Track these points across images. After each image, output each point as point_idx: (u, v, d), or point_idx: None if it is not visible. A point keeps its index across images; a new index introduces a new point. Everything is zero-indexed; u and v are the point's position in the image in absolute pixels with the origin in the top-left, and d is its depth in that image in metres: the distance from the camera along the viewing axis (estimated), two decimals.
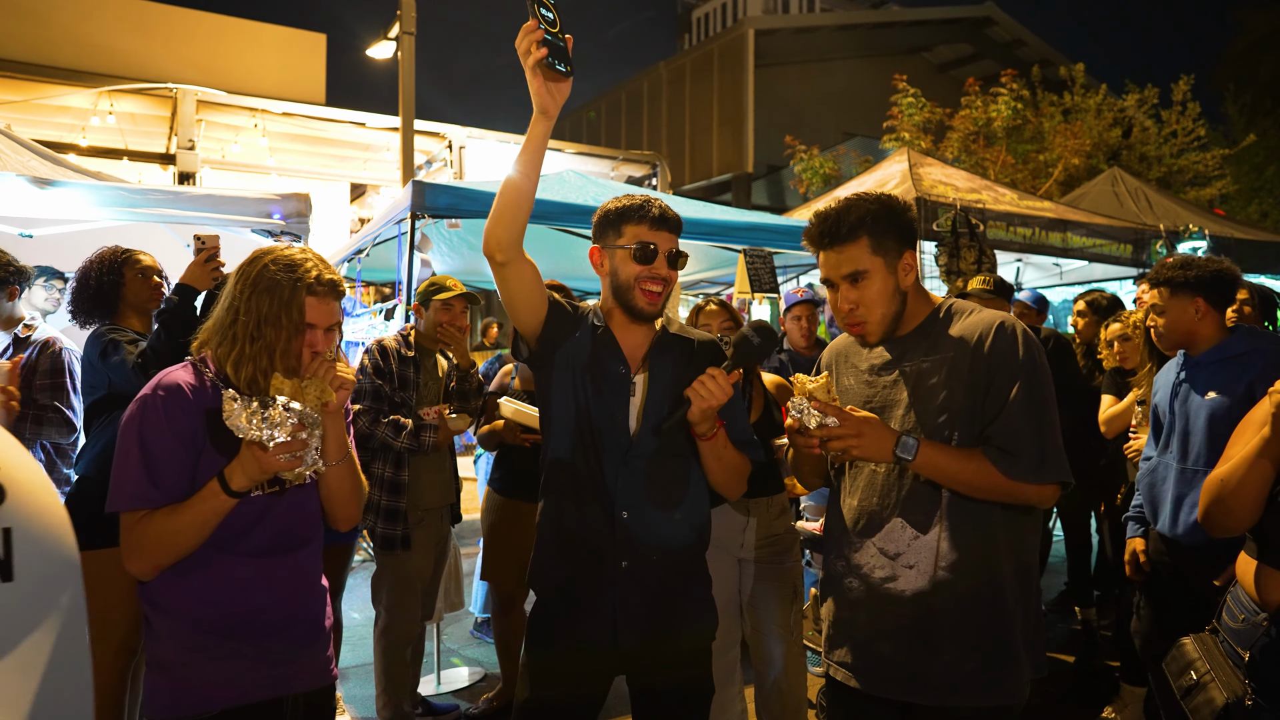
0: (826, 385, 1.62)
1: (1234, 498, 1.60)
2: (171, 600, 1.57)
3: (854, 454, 1.60)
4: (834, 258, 1.70)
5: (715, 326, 2.67)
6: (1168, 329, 2.61)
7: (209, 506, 1.52)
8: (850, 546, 1.74)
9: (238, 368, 1.61)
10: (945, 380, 1.65)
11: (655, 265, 1.80)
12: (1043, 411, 1.60)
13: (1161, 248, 5.99)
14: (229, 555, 1.58)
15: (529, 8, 1.49)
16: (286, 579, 1.64)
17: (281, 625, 1.63)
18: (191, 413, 1.56)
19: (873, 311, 1.69)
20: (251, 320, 1.60)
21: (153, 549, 1.51)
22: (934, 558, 1.62)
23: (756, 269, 5.00)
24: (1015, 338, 1.64)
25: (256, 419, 1.47)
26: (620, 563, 1.77)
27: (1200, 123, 13.19)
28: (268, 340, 1.60)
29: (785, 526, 2.75)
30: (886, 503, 1.69)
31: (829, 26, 24.10)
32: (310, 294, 1.63)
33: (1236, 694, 1.59)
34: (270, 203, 3.94)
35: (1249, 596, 1.65)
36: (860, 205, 1.69)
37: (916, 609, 1.63)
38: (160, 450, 1.53)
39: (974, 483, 1.59)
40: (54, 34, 9.35)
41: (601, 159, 10.76)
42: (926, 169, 6.43)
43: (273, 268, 1.63)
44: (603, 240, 1.87)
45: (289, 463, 1.51)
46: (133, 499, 1.52)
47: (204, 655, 1.56)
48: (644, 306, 1.81)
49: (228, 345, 1.62)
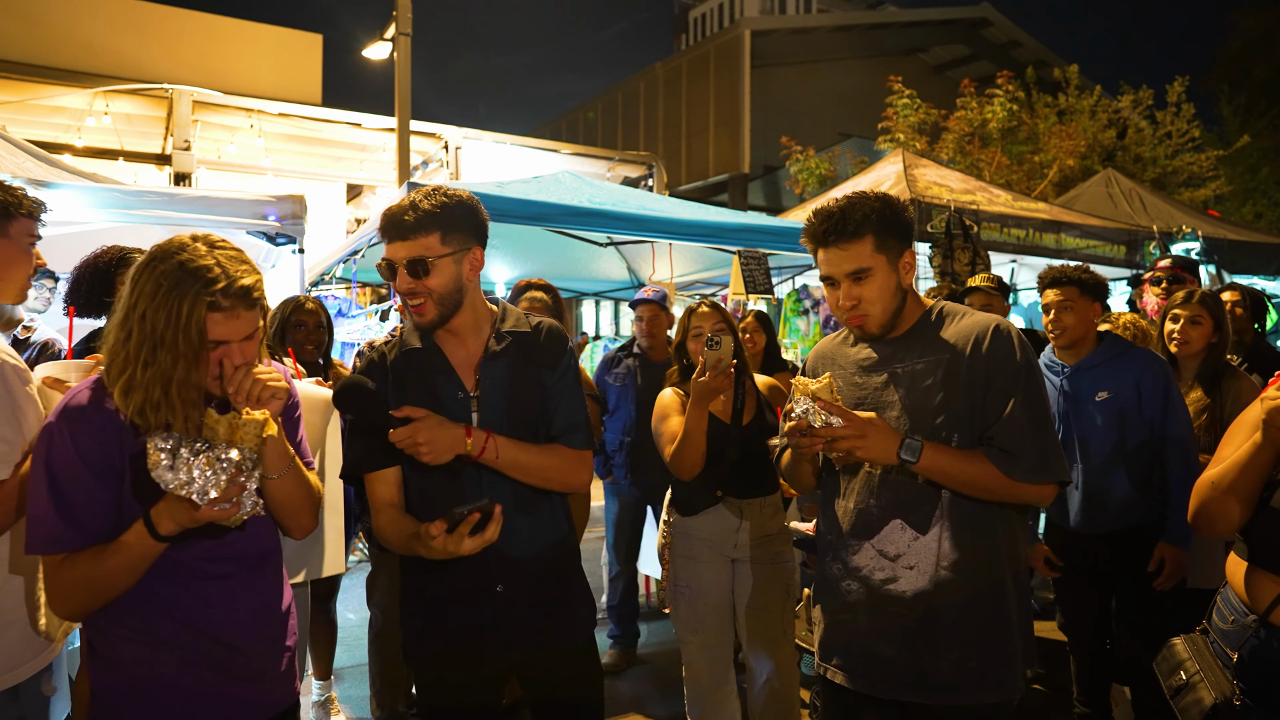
0: (830, 385, 1.62)
1: (1224, 500, 1.62)
2: (121, 628, 1.42)
3: (857, 455, 1.61)
4: (837, 255, 1.70)
5: (708, 328, 2.68)
6: (1075, 328, 2.79)
7: (136, 552, 1.35)
8: (847, 549, 1.75)
9: (126, 395, 1.35)
10: (941, 382, 1.67)
11: (399, 281, 1.67)
12: (1041, 413, 1.64)
13: (1155, 249, 6.02)
14: (181, 579, 1.44)
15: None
16: (246, 600, 1.51)
17: (241, 647, 1.49)
18: (101, 439, 1.37)
19: (874, 307, 1.71)
20: (145, 341, 1.34)
21: (79, 594, 1.35)
22: (935, 558, 1.64)
23: (751, 270, 5.02)
24: (1012, 340, 1.67)
25: (184, 471, 1.28)
26: (495, 588, 1.73)
27: (1195, 124, 13.24)
28: (162, 368, 1.34)
29: (779, 527, 2.76)
30: (883, 504, 1.71)
31: (825, 27, 24.11)
32: (214, 310, 1.36)
33: (1225, 694, 1.60)
34: (266, 204, 3.95)
35: (1238, 598, 1.66)
36: (864, 203, 1.70)
37: (918, 610, 1.64)
38: (72, 485, 1.35)
39: (976, 483, 1.61)
40: (49, 34, 9.32)
41: (597, 160, 10.76)
42: (921, 170, 6.45)
43: (164, 281, 1.34)
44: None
45: (224, 512, 1.33)
46: (47, 542, 1.34)
47: (156, 683, 1.43)
48: (417, 322, 1.71)
49: (117, 367, 1.37)
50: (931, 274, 5.25)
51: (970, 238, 5.25)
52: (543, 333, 1.84)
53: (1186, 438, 2.70)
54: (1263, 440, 1.53)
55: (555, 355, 1.83)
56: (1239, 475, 1.58)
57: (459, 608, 1.74)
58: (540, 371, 1.80)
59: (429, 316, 1.69)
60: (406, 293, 1.68)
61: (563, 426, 1.80)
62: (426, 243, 1.66)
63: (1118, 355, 2.80)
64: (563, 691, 1.83)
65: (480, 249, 1.75)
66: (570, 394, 1.83)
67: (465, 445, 1.63)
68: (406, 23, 8.21)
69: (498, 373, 1.76)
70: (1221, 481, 1.61)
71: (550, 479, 1.76)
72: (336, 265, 6.07)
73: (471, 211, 1.73)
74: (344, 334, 5.56)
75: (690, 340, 2.76)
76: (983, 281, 3.72)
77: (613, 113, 26.57)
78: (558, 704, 1.84)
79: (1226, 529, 1.65)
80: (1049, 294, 2.86)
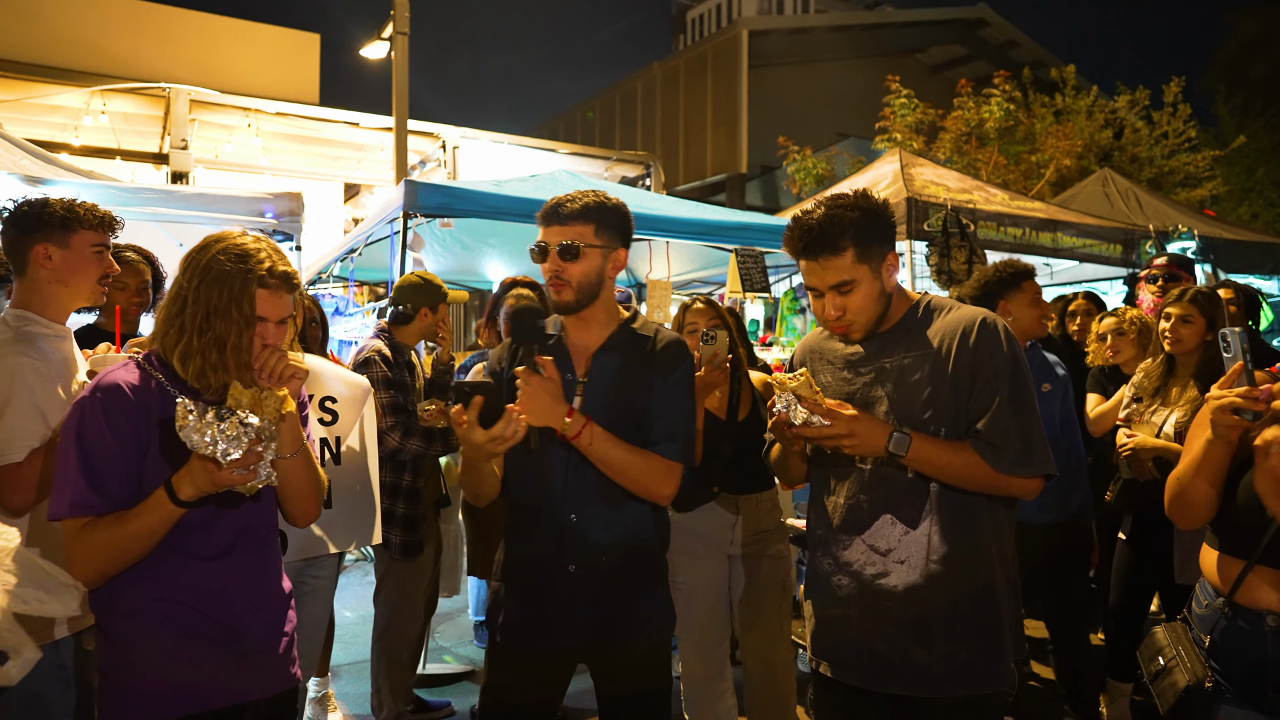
0: (808, 382, 1.63)
1: (1188, 494, 1.69)
2: (125, 605, 1.51)
3: (846, 450, 1.64)
4: (818, 269, 1.70)
5: (702, 324, 2.69)
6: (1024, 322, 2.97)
7: (155, 516, 1.44)
8: (838, 544, 1.76)
9: (185, 361, 1.51)
10: (929, 376, 1.68)
11: (548, 261, 1.82)
12: (1027, 406, 1.66)
13: (1151, 248, 6.03)
14: (184, 558, 1.52)
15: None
16: (245, 583, 1.59)
17: (241, 630, 1.57)
18: (132, 414, 1.48)
19: (860, 316, 1.72)
20: (200, 311, 1.51)
21: (98, 557, 1.45)
22: (925, 551, 1.65)
23: (748, 269, 5.03)
24: (998, 333, 1.68)
25: (210, 432, 1.38)
26: (568, 567, 1.78)
27: (1191, 124, 13.26)
28: (217, 333, 1.50)
29: (774, 523, 2.77)
30: (873, 499, 1.72)
31: (823, 27, 24.13)
32: (262, 286, 1.54)
33: (1198, 677, 1.67)
34: (263, 202, 3.95)
35: (1211, 584, 1.74)
36: (841, 215, 1.66)
37: (909, 604, 1.66)
38: (101, 455, 1.46)
39: (963, 475, 1.63)
40: (46, 32, 9.31)
41: (595, 159, 10.76)
42: (918, 169, 6.46)
43: (222, 257, 1.53)
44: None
45: (242, 477, 1.43)
46: (74, 506, 1.45)
47: (160, 661, 1.50)
48: (554, 300, 1.84)
49: (174, 336, 1.52)
50: (929, 272, 5.27)
51: (967, 236, 5.26)
52: (661, 340, 1.90)
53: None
54: (1212, 436, 1.59)
55: (672, 363, 1.87)
56: (1198, 470, 1.65)
57: (534, 575, 1.83)
58: (651, 375, 1.84)
59: (567, 299, 1.81)
60: (552, 274, 1.81)
61: (661, 434, 1.81)
62: (581, 231, 1.80)
63: (1036, 348, 3.08)
64: (626, 689, 1.87)
65: (624, 251, 1.87)
66: (678, 405, 1.85)
67: (564, 422, 1.69)
68: (404, 22, 8.21)
69: (609, 365, 1.84)
70: (1184, 476, 1.69)
71: (634, 481, 1.77)
72: (334, 264, 6.08)
73: (624, 216, 1.88)
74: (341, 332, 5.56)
75: (685, 337, 2.76)
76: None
77: (610, 112, 26.58)
78: (621, 701, 1.87)
79: (1198, 520, 1.72)
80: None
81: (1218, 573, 1.71)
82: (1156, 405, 2.98)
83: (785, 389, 1.63)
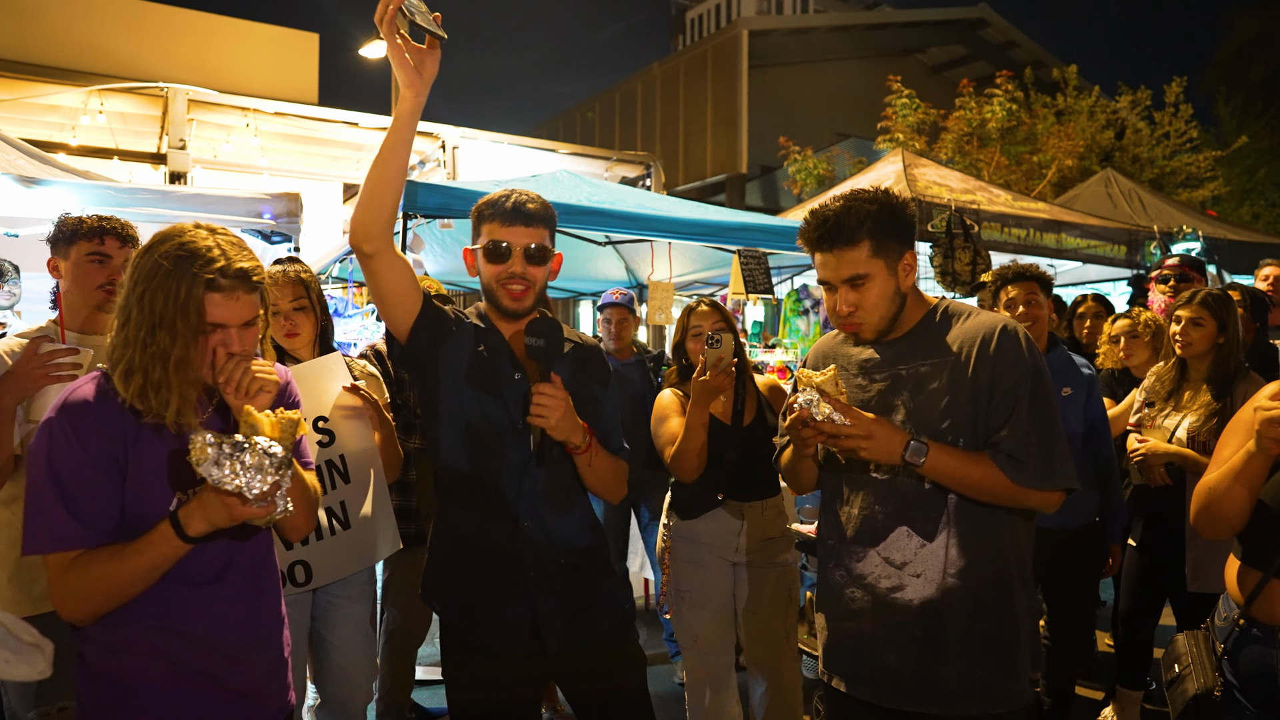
0: (834, 378, 1.59)
1: (1221, 505, 1.64)
2: (111, 638, 1.38)
3: (862, 454, 1.59)
4: (833, 261, 1.66)
5: (707, 327, 2.65)
6: (1042, 325, 2.88)
7: (159, 553, 1.32)
8: (851, 556, 1.71)
9: (126, 379, 1.35)
10: (947, 385, 1.64)
11: (510, 263, 1.75)
12: (1049, 418, 1.61)
13: (1155, 249, 6.00)
14: (176, 584, 1.40)
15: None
16: (241, 608, 1.48)
17: (236, 656, 1.46)
18: (104, 431, 1.35)
19: (872, 314, 1.68)
20: (145, 323, 1.35)
21: (91, 596, 1.33)
22: (942, 565, 1.61)
23: (751, 270, 4.99)
24: (1019, 342, 1.64)
25: (231, 465, 1.27)
26: (528, 573, 1.76)
27: (1192, 125, 13.24)
28: (160, 347, 1.34)
29: (779, 530, 2.72)
30: (888, 510, 1.67)
31: (823, 28, 24.10)
32: (213, 290, 1.36)
33: (1207, 686, 1.66)
34: (261, 202, 3.91)
35: (1232, 596, 1.71)
36: (860, 207, 1.64)
37: (925, 618, 1.61)
38: (77, 480, 1.33)
39: (981, 487, 1.59)
40: (44, 32, 9.27)
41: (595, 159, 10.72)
42: (921, 170, 6.43)
43: (165, 261, 1.35)
44: (472, 240, 1.84)
45: (263, 510, 1.31)
46: (57, 540, 1.32)
47: (150, 695, 1.39)
48: (507, 304, 1.78)
49: (119, 351, 1.37)
50: (933, 274, 5.23)
51: (971, 237, 5.22)
52: (589, 347, 1.96)
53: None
54: (1256, 449, 1.54)
55: (605, 373, 1.96)
56: (1233, 482, 1.60)
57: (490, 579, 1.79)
58: (593, 386, 1.91)
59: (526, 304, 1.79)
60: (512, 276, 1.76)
61: (618, 443, 1.94)
62: (544, 234, 1.80)
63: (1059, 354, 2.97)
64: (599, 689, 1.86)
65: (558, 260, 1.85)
66: (616, 414, 1.97)
67: (582, 437, 1.74)
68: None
69: (563, 375, 1.79)
70: (1218, 487, 1.63)
71: (607, 485, 1.87)
72: (333, 265, 6.03)
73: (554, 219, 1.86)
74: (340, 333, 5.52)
75: (690, 340, 2.72)
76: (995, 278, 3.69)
77: (610, 113, 26.56)
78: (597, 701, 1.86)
79: (1227, 531, 1.67)
80: (1012, 290, 2.91)
81: (1236, 583, 1.68)
82: (1169, 410, 2.94)
83: (810, 383, 1.58)
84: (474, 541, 1.78)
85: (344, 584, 2.42)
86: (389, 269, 1.64)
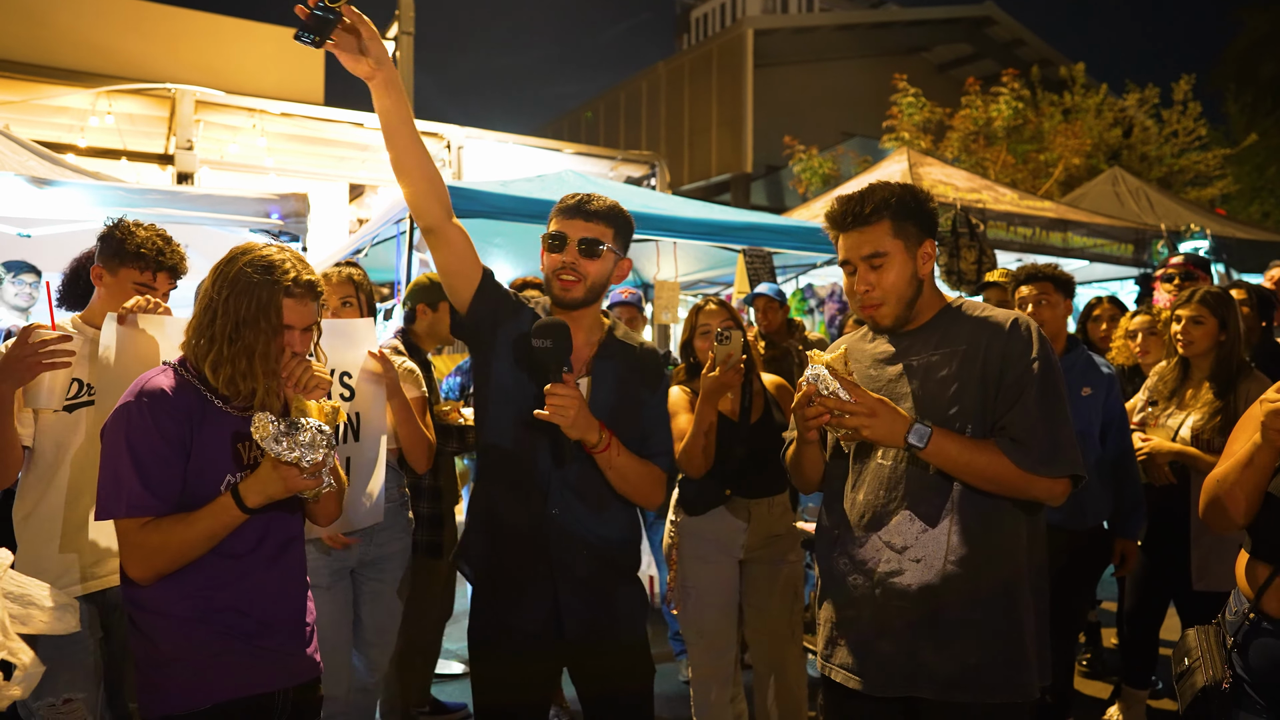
0: (843, 357, 1.63)
1: (1229, 497, 1.65)
2: (159, 600, 1.57)
3: (865, 434, 1.59)
4: (854, 238, 1.72)
5: (716, 324, 2.66)
6: (1053, 324, 2.84)
7: (220, 521, 1.54)
8: (854, 543, 1.73)
9: (216, 369, 1.60)
10: (956, 373, 1.67)
11: (565, 253, 1.81)
12: (1056, 405, 1.63)
13: (1163, 247, 5.98)
14: (219, 556, 1.59)
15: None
16: (275, 577, 1.67)
17: (269, 622, 1.65)
18: (178, 417, 1.56)
19: (889, 295, 1.71)
20: (229, 322, 1.59)
21: (158, 558, 1.53)
22: (943, 551, 1.61)
23: (756, 269, 4.99)
24: (1030, 334, 1.67)
25: (288, 441, 1.49)
26: (553, 559, 1.80)
27: (1201, 122, 13.18)
28: (246, 342, 1.59)
29: (785, 527, 2.73)
30: (893, 496, 1.68)
31: (828, 26, 24.07)
32: (288, 295, 1.62)
33: (1216, 678, 1.67)
34: (268, 202, 3.93)
35: (1242, 591, 1.72)
36: (883, 188, 1.73)
37: (922, 603, 1.62)
38: (151, 456, 1.53)
39: (986, 473, 1.59)
40: (52, 34, 9.33)
41: (600, 159, 10.72)
42: (926, 169, 6.42)
43: (249, 269, 1.61)
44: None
45: (314, 482, 1.54)
46: (130, 507, 1.52)
47: (194, 653, 1.57)
48: (558, 294, 1.83)
49: (205, 346, 1.61)
50: (939, 273, 5.23)
51: (976, 236, 5.22)
52: (645, 352, 1.96)
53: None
54: (1262, 442, 1.55)
55: (657, 376, 1.96)
56: (1241, 474, 1.61)
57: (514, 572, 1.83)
58: (641, 389, 1.92)
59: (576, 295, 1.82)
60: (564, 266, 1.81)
61: (658, 449, 1.92)
62: (603, 230, 1.84)
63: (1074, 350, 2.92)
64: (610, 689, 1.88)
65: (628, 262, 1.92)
66: (665, 419, 1.97)
67: (598, 435, 1.74)
68: (409, 22, 8.20)
69: (608, 375, 1.86)
70: (1226, 479, 1.65)
71: (637, 489, 1.86)
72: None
73: (632, 229, 1.93)
74: None
75: (698, 338, 2.73)
76: (999, 277, 3.70)
77: (615, 112, 26.56)
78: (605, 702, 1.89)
79: (1234, 525, 1.68)
80: (1024, 289, 2.90)
81: (1245, 577, 1.69)
82: (1172, 408, 2.93)
83: (820, 360, 1.61)
84: (505, 518, 1.83)
85: (374, 568, 2.59)
86: (445, 242, 1.75)
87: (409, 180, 1.71)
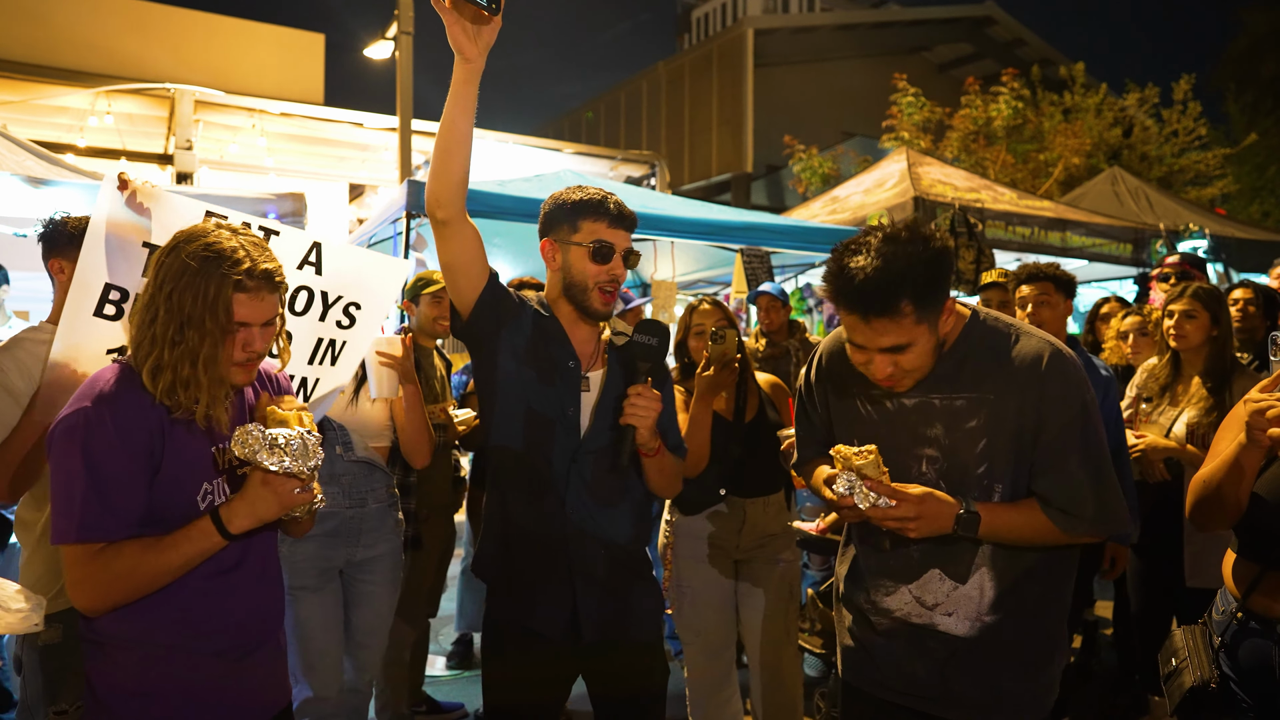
0: (876, 461, 1.48)
1: (1216, 497, 1.64)
2: (123, 630, 1.38)
3: (910, 534, 1.49)
4: (866, 329, 1.45)
5: (709, 324, 2.65)
6: (1054, 323, 2.82)
7: (197, 549, 1.34)
8: (879, 589, 1.67)
9: (155, 376, 1.36)
10: (985, 427, 1.52)
11: (612, 265, 1.76)
12: (1100, 465, 1.53)
13: (1162, 247, 5.98)
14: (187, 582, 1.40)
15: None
16: (250, 597, 1.50)
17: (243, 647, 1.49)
18: (143, 425, 1.36)
19: (912, 375, 1.53)
20: (173, 321, 1.36)
21: (115, 588, 1.32)
22: (976, 605, 1.58)
23: (754, 268, 4.99)
24: (1068, 376, 1.51)
25: (281, 451, 1.31)
26: (571, 558, 1.78)
27: (1201, 122, 13.18)
28: (190, 345, 1.36)
29: (781, 526, 2.73)
30: (923, 548, 1.61)
31: (828, 26, 24.06)
32: (240, 290, 1.38)
33: (1204, 678, 1.68)
34: (266, 202, 3.94)
35: (1230, 590, 1.73)
36: (901, 270, 1.40)
37: (956, 645, 1.59)
38: (114, 472, 1.32)
39: (1029, 539, 1.56)
40: (52, 34, 9.34)
41: (600, 159, 10.74)
42: (925, 168, 6.42)
43: (192, 261, 1.36)
44: (555, 233, 1.81)
45: (307, 496, 1.37)
46: (83, 529, 1.30)
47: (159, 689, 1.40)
48: (599, 308, 1.78)
49: (145, 348, 1.38)
50: None
51: (975, 236, 5.21)
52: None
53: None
54: (1247, 442, 1.53)
55: (665, 373, 1.95)
56: (1227, 474, 1.59)
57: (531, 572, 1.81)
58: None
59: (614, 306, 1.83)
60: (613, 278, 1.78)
61: (674, 442, 1.93)
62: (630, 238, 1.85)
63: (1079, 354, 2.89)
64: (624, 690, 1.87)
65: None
66: (673, 412, 1.97)
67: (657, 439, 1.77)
68: (409, 22, 8.20)
69: (617, 372, 1.84)
70: (1212, 479, 1.63)
71: (667, 481, 1.89)
72: None
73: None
74: None
75: (692, 338, 2.73)
76: (997, 278, 3.67)
77: (615, 112, 26.56)
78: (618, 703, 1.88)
79: (1222, 524, 1.67)
80: (1025, 289, 2.88)
81: (1233, 576, 1.69)
82: (1164, 405, 2.92)
83: (850, 466, 1.47)
84: (521, 522, 1.79)
85: (363, 568, 2.53)
86: (459, 237, 1.67)
87: (454, 168, 1.60)
